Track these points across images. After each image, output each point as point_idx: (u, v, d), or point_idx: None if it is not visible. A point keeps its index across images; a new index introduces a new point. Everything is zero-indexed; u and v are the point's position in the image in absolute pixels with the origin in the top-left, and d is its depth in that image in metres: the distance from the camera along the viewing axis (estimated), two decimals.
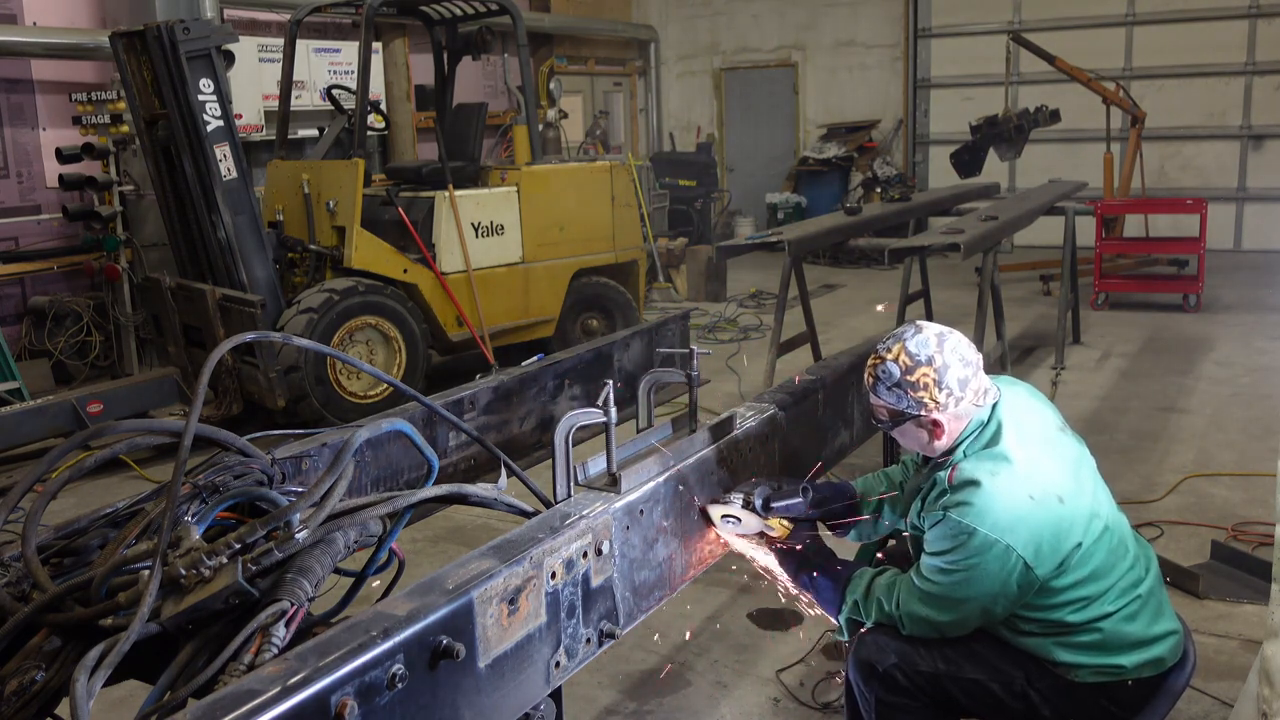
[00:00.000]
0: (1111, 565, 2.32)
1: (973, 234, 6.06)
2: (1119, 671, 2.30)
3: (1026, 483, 2.26)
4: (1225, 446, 5.66)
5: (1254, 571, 3.98)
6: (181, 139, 5.96)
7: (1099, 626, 2.30)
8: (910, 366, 2.30)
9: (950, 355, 2.31)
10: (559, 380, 3.29)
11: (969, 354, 2.35)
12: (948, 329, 2.38)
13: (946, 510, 2.26)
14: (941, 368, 2.29)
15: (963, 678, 2.34)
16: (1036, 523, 2.22)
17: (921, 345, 2.31)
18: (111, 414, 6.11)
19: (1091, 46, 12.27)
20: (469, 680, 1.62)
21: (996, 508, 2.22)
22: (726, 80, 15.25)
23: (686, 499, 2.28)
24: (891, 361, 2.32)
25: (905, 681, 2.34)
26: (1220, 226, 11.77)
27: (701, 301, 10.33)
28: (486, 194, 7.14)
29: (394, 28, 10.21)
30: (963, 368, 2.32)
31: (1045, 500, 2.25)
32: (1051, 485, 2.28)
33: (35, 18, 8.08)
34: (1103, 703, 2.32)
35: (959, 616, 2.31)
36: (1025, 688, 2.33)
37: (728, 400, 6.50)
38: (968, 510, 2.23)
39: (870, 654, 2.38)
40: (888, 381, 2.33)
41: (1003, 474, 2.26)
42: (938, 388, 2.29)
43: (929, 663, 2.35)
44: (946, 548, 2.26)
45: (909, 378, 2.30)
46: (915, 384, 2.30)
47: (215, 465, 1.95)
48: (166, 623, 1.58)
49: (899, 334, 2.37)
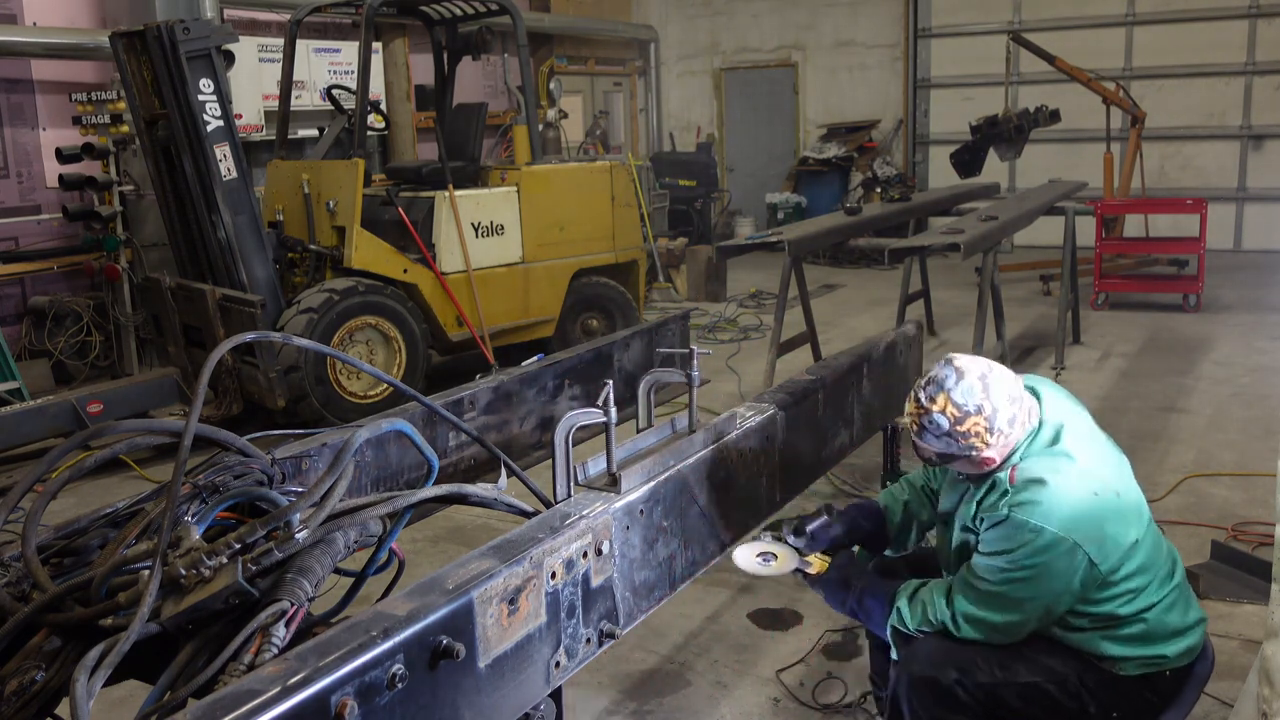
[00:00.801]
0: (1155, 556, 2.36)
1: (973, 234, 6.06)
2: (1162, 662, 2.34)
3: (1089, 479, 2.26)
4: (1225, 446, 5.66)
5: (1254, 571, 3.98)
6: (181, 139, 5.96)
7: (1144, 617, 2.32)
8: (959, 418, 2.25)
9: (998, 398, 2.26)
10: (559, 380, 3.29)
11: (1014, 389, 2.30)
12: (987, 365, 2.33)
13: (1011, 510, 2.24)
14: (992, 414, 2.25)
15: (1019, 682, 2.34)
16: (1100, 518, 2.23)
17: (968, 394, 2.25)
18: (111, 414, 6.11)
19: (1091, 46, 12.27)
20: (469, 680, 1.62)
21: (1063, 505, 2.21)
22: (726, 80, 15.25)
23: (687, 500, 2.28)
24: (938, 413, 2.26)
25: (965, 696, 2.33)
26: (1220, 226, 11.77)
27: (701, 301, 10.33)
28: (486, 194, 7.14)
29: (394, 28, 10.21)
30: (1010, 405, 2.27)
31: (1106, 495, 2.26)
32: (1110, 480, 2.31)
33: (35, 18, 8.08)
34: (1145, 694, 2.35)
35: (1020, 617, 2.30)
36: (1078, 686, 2.34)
37: (728, 400, 6.50)
38: (1034, 509, 2.22)
39: (927, 669, 2.35)
40: (936, 432, 2.28)
41: (1065, 471, 2.26)
42: (989, 433, 2.26)
43: (987, 672, 2.33)
44: (1009, 547, 2.25)
45: (959, 428, 2.26)
46: (966, 433, 2.26)
47: (215, 465, 1.95)
48: (166, 623, 1.58)
49: (940, 380, 2.29)
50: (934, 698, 2.34)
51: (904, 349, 3.69)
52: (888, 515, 2.76)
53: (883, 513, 2.76)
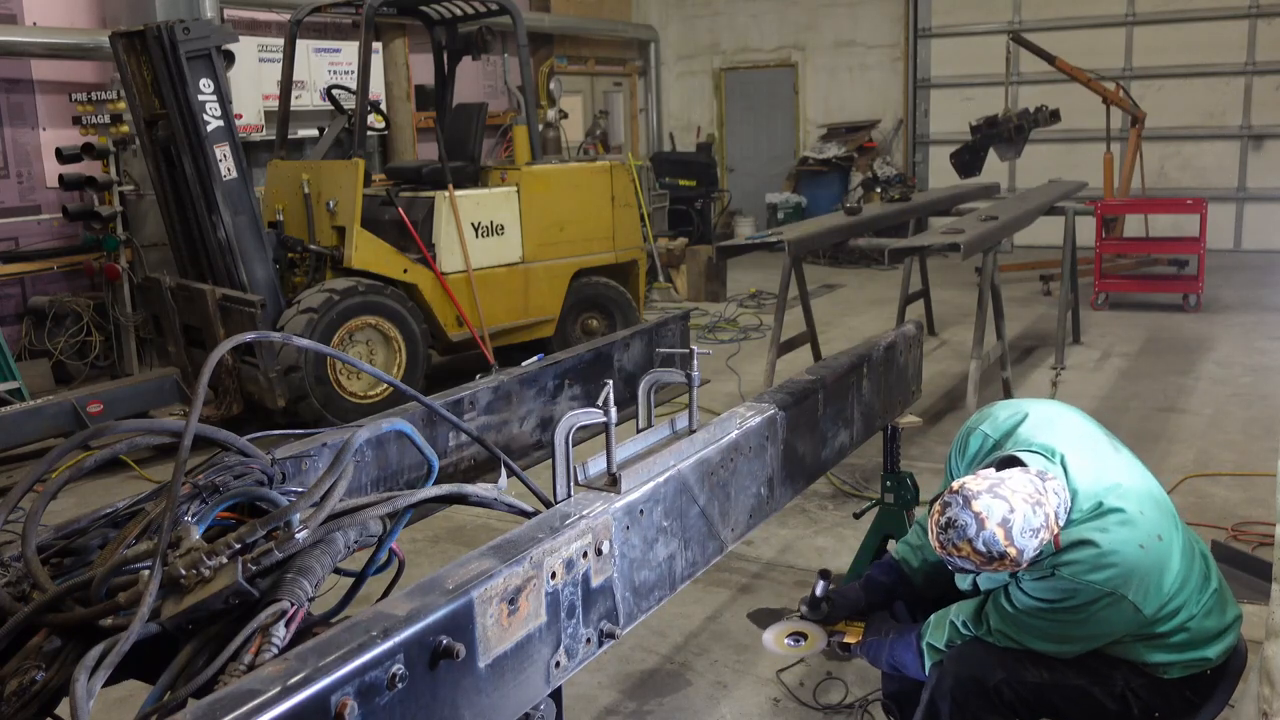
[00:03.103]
0: (1190, 569, 2.36)
1: (973, 234, 6.06)
2: (1204, 663, 2.37)
3: (1136, 531, 2.23)
4: (1225, 446, 5.66)
5: (1254, 571, 3.98)
6: (181, 139, 5.96)
7: (1187, 627, 2.34)
8: (985, 561, 2.16)
9: (1022, 538, 2.13)
10: (559, 380, 3.29)
11: (1036, 519, 2.14)
12: (1006, 506, 2.13)
13: (1057, 569, 2.22)
14: (1019, 554, 2.15)
15: (1067, 684, 2.36)
16: (1146, 569, 2.22)
17: (990, 544, 2.13)
18: (111, 414, 6.11)
19: (1091, 46, 12.27)
20: (469, 680, 1.62)
21: (1112, 563, 2.19)
22: (726, 80, 15.25)
23: (687, 500, 2.28)
24: (962, 559, 2.18)
25: (1011, 695, 2.34)
26: (1220, 226, 11.78)
27: (701, 301, 10.33)
28: (486, 194, 7.14)
29: (394, 28, 10.21)
30: (1036, 539, 2.14)
31: (1151, 544, 2.23)
32: (1152, 527, 2.26)
33: (35, 18, 8.08)
34: (1186, 694, 2.38)
35: (1056, 649, 2.35)
36: (1125, 689, 2.36)
37: (728, 400, 6.50)
38: (1080, 568, 2.19)
39: (974, 669, 2.35)
40: (965, 566, 2.21)
41: (1113, 528, 2.22)
42: (1018, 565, 2.19)
43: (1035, 673, 2.35)
44: (1054, 599, 2.24)
45: (989, 566, 2.18)
46: (994, 569, 2.19)
47: (215, 465, 1.95)
48: (166, 623, 1.58)
49: (960, 526, 2.15)
50: (979, 697, 2.35)
51: (904, 349, 3.69)
52: (904, 566, 2.77)
53: (898, 565, 2.77)
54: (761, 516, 2.65)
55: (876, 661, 2.60)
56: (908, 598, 2.76)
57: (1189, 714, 2.42)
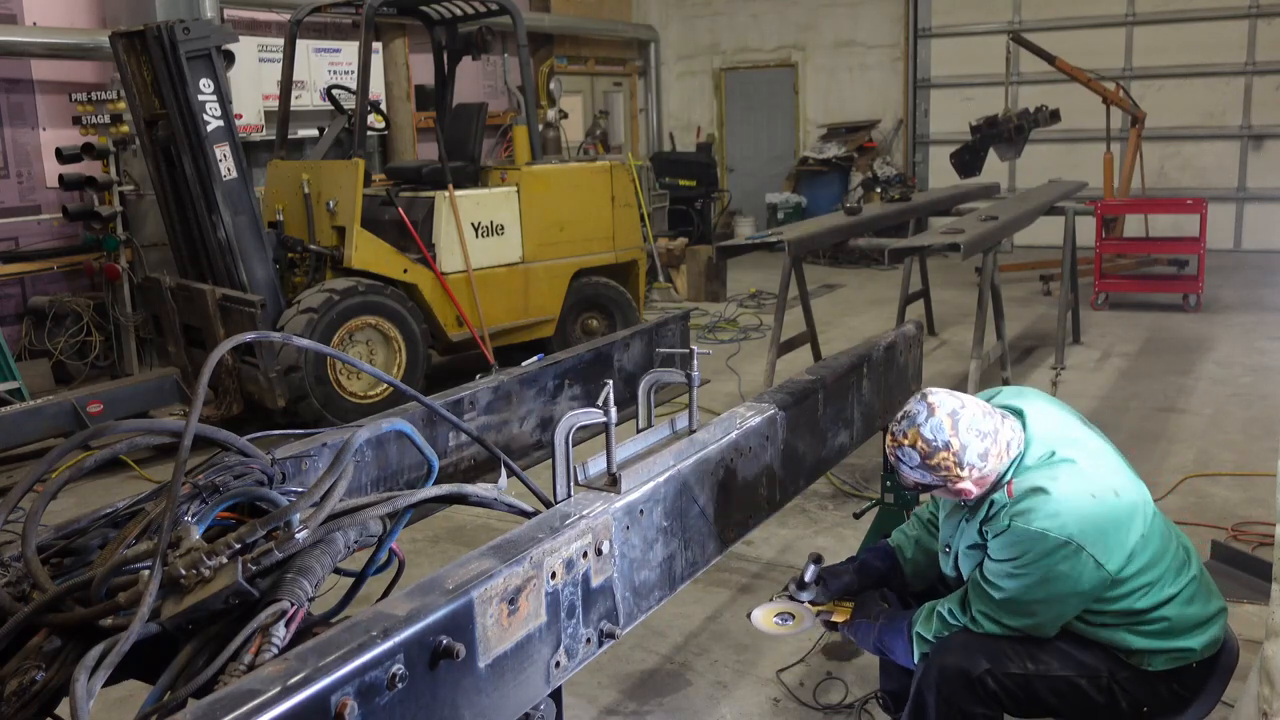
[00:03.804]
0: (1164, 548, 2.39)
1: (973, 234, 6.06)
2: (1189, 654, 2.37)
3: (1086, 482, 2.30)
4: (1225, 446, 5.66)
5: (1254, 571, 3.98)
6: (181, 139, 5.96)
7: (1165, 614, 2.35)
8: (928, 452, 2.32)
9: (966, 434, 2.31)
10: (559, 380, 3.29)
11: (985, 424, 2.34)
12: (959, 401, 2.37)
13: (1012, 520, 2.29)
14: (960, 450, 2.31)
15: (1052, 675, 2.37)
16: (1101, 520, 2.27)
17: (936, 430, 2.31)
18: (111, 414, 6.11)
19: (1091, 46, 12.27)
20: (469, 680, 1.62)
21: (1063, 510, 2.25)
22: (726, 80, 15.24)
23: (687, 500, 2.28)
24: (909, 447, 2.34)
25: (995, 686, 2.36)
26: (1220, 226, 11.77)
27: (701, 301, 10.33)
28: (486, 194, 7.14)
29: (394, 28, 10.21)
30: (980, 441, 2.32)
31: (1104, 496, 2.30)
32: (1107, 480, 2.34)
33: (35, 18, 8.08)
34: (1174, 687, 2.39)
35: (1033, 621, 2.35)
36: (1110, 681, 2.38)
37: (728, 400, 6.50)
38: (1033, 516, 2.26)
39: (959, 659, 2.38)
40: (909, 464, 2.37)
41: (1062, 477, 2.30)
42: (959, 466, 2.32)
43: (1019, 664, 2.37)
44: (1015, 555, 2.29)
45: (929, 462, 2.33)
46: (936, 466, 2.33)
47: (215, 465, 1.95)
48: (166, 623, 1.58)
49: (912, 415, 2.36)
50: (964, 687, 2.36)
51: (904, 349, 3.69)
52: (899, 553, 2.80)
53: (894, 551, 2.80)
54: (761, 517, 2.65)
55: (864, 643, 2.60)
56: (897, 587, 2.77)
57: (1178, 709, 2.42)
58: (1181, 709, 2.42)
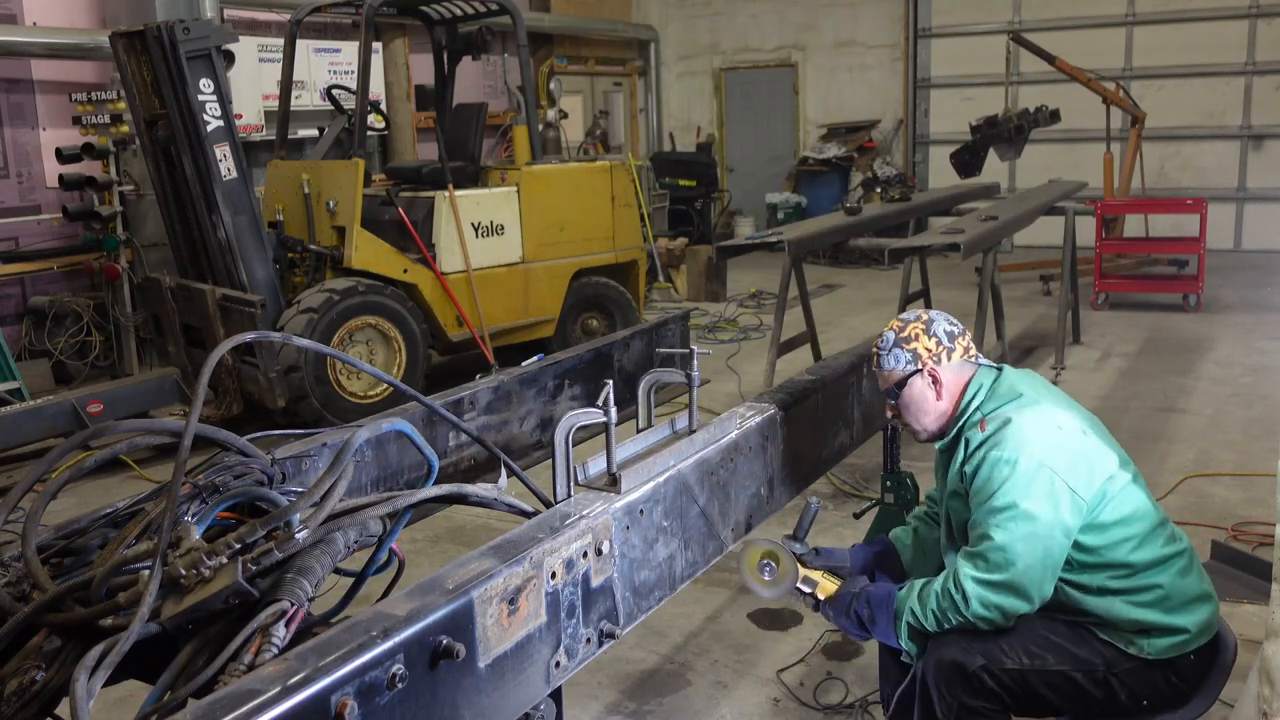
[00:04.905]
0: (1149, 509, 2.42)
1: (973, 234, 6.06)
2: (1184, 640, 2.36)
3: (1051, 415, 2.44)
4: (1225, 446, 5.66)
5: (1254, 571, 3.98)
6: (181, 139, 5.96)
7: (1158, 581, 2.36)
8: (900, 327, 2.59)
9: (936, 315, 2.62)
10: (559, 380, 3.29)
11: (955, 320, 2.64)
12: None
13: (986, 453, 2.39)
14: (929, 321, 2.58)
15: (1048, 670, 2.36)
16: (1069, 450, 2.37)
17: (911, 314, 2.63)
18: (111, 414, 6.10)
19: (1091, 46, 12.27)
20: (469, 680, 1.62)
21: (1030, 437, 2.36)
22: (726, 80, 15.24)
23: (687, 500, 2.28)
24: (887, 330, 2.61)
25: (992, 683, 2.34)
26: (1220, 226, 11.77)
27: (701, 301, 10.33)
28: (486, 194, 7.14)
29: (394, 28, 10.21)
30: (948, 324, 2.60)
31: (1071, 430, 2.42)
32: (1074, 421, 2.46)
33: (35, 18, 8.08)
34: (1172, 679, 2.39)
35: (1021, 570, 2.29)
36: (1107, 675, 2.37)
37: (728, 400, 6.50)
38: (1004, 444, 2.37)
39: (956, 654, 2.36)
40: (886, 347, 2.57)
41: (1028, 410, 2.43)
42: (927, 335, 2.54)
43: (1015, 659, 2.36)
44: (992, 489, 2.35)
45: (902, 335, 2.57)
46: (908, 338, 2.55)
47: (215, 465, 1.95)
48: (166, 623, 1.58)
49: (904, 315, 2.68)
50: (960, 683, 2.35)
51: None
52: (898, 546, 2.79)
53: (891, 544, 2.80)
54: (761, 516, 2.65)
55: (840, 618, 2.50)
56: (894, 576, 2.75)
57: (1176, 703, 2.40)
58: (1180, 703, 2.41)
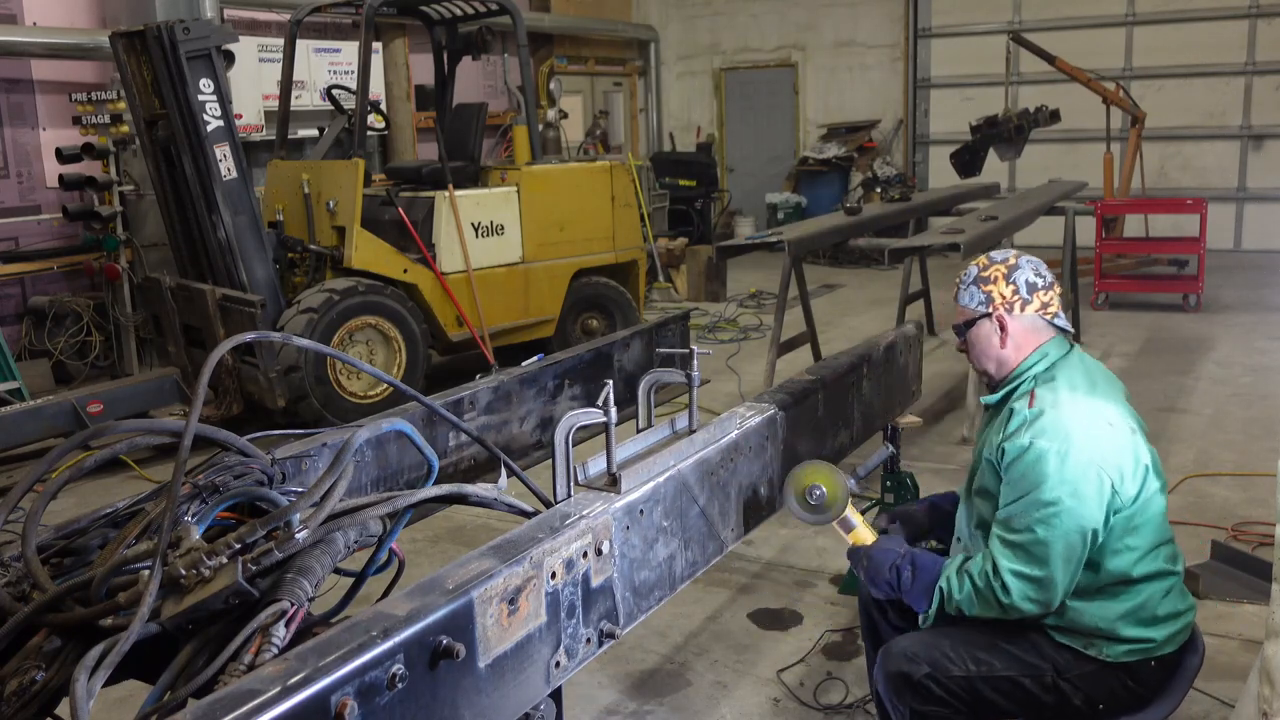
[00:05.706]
0: (1165, 525, 2.39)
1: (973, 234, 6.06)
2: (1149, 647, 2.32)
3: (1102, 410, 2.36)
4: (1225, 446, 5.66)
5: (1254, 571, 3.98)
6: (181, 139, 5.96)
7: (1146, 598, 2.32)
8: (986, 265, 2.50)
9: (1025, 263, 2.48)
10: (559, 380, 3.29)
11: (1045, 272, 2.49)
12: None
13: (1034, 440, 2.28)
14: (1014, 268, 2.47)
15: (995, 676, 2.34)
16: (1117, 447, 2.30)
17: (1004, 253, 2.53)
18: (111, 414, 6.10)
19: (1091, 46, 12.27)
20: (469, 680, 1.62)
21: (1080, 431, 2.28)
22: (726, 80, 15.24)
23: (687, 500, 2.28)
24: (973, 264, 2.53)
25: (939, 690, 2.33)
26: (1220, 226, 11.77)
27: (701, 301, 10.33)
28: (486, 194, 7.14)
29: (394, 28, 10.21)
30: (1035, 275, 2.46)
31: (1121, 428, 2.34)
32: (1124, 419, 2.38)
33: (35, 18, 8.08)
34: (1129, 684, 2.34)
35: (1059, 566, 2.25)
36: (1055, 679, 2.34)
37: (728, 400, 6.50)
38: (1053, 435, 2.28)
39: (900, 665, 2.36)
40: (966, 281, 2.51)
41: (1081, 401, 2.35)
42: (1006, 281, 2.45)
43: (960, 666, 2.34)
44: (1039, 481, 2.25)
45: (983, 274, 2.49)
46: (988, 278, 2.47)
47: (215, 465, 1.95)
48: (166, 623, 1.58)
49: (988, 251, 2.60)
50: (909, 691, 2.34)
51: (904, 349, 3.70)
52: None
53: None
54: (761, 517, 2.65)
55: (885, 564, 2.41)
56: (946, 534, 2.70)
57: (1134, 707, 2.35)
58: (1138, 707, 2.36)
